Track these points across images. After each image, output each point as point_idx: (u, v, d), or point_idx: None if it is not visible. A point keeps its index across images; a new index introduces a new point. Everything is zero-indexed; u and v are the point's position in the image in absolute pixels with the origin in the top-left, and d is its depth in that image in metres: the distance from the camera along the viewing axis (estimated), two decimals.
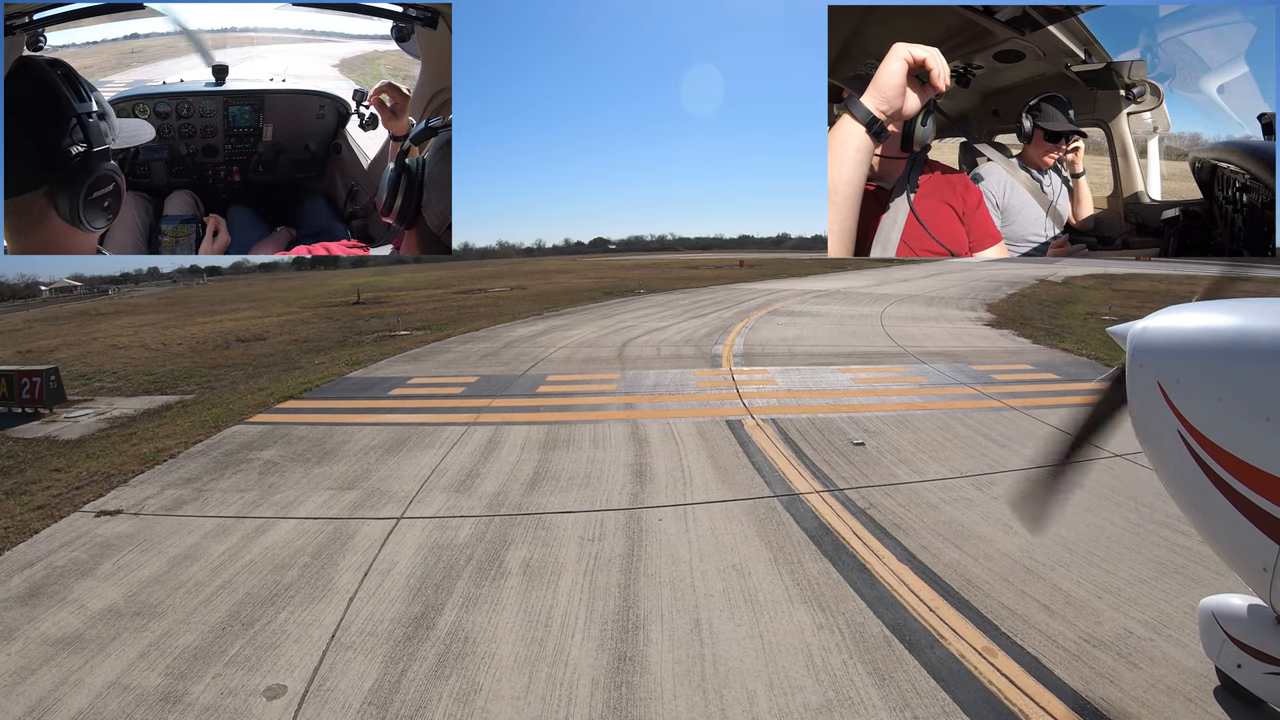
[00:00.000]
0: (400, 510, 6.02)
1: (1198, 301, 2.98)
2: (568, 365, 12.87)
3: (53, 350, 20.26)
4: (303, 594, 4.61)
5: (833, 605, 4.28)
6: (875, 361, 12.39)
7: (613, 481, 6.59)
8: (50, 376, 10.69)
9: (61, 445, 8.65)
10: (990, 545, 5.02)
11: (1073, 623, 4.00)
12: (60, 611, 4.47)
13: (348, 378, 12.34)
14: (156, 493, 6.64)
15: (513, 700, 3.49)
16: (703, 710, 3.38)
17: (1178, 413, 2.69)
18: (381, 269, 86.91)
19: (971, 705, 3.35)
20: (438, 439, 8.14)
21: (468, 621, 4.22)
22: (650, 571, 4.78)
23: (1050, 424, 7.99)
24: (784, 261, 63.68)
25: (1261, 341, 2.51)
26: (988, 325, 17.56)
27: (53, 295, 75.95)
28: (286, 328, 23.12)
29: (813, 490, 6.20)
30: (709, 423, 8.54)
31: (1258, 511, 2.50)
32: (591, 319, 20.81)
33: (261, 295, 48.29)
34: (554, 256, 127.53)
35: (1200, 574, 4.45)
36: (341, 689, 3.60)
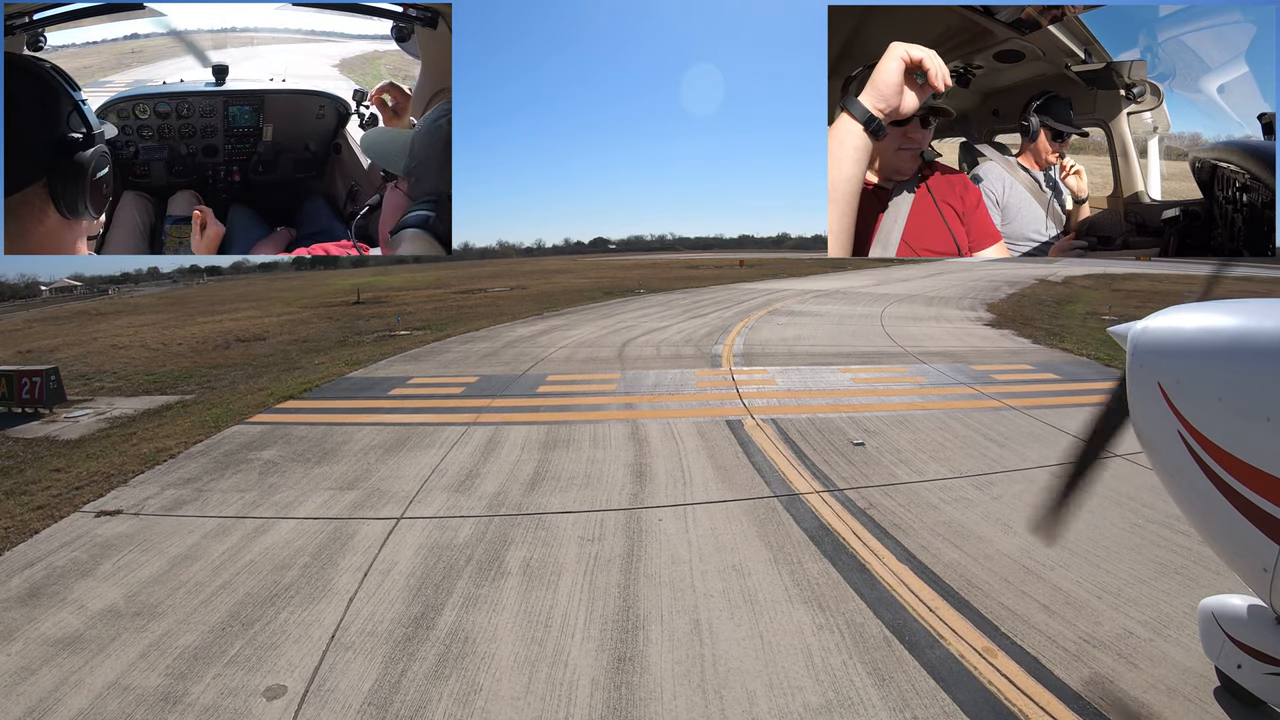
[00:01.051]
0: (400, 510, 6.02)
1: (1196, 302, 2.99)
2: (568, 365, 12.87)
3: (53, 350, 20.26)
4: (303, 594, 4.61)
5: (832, 605, 4.28)
6: (875, 361, 12.39)
7: (613, 481, 6.59)
8: (50, 376, 10.68)
9: (61, 445, 8.65)
10: (990, 545, 5.02)
11: (1073, 623, 4.00)
12: (60, 612, 4.47)
13: (348, 378, 12.34)
14: (156, 493, 6.64)
15: (513, 700, 3.49)
16: (702, 711, 3.38)
17: (1178, 413, 2.69)
18: (381, 269, 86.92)
19: (971, 705, 3.35)
20: (438, 439, 8.14)
21: (468, 622, 4.22)
22: (650, 572, 4.78)
23: (1050, 424, 7.99)
24: (784, 261, 63.68)
25: (1261, 341, 2.50)
26: (988, 325, 17.56)
27: (53, 295, 75.94)
28: (286, 328, 23.12)
29: (812, 490, 6.20)
30: (709, 423, 8.54)
31: (1258, 512, 2.50)
32: (591, 319, 20.81)
33: (261, 295, 48.28)
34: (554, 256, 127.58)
35: (1200, 574, 4.45)
36: (341, 689, 3.61)
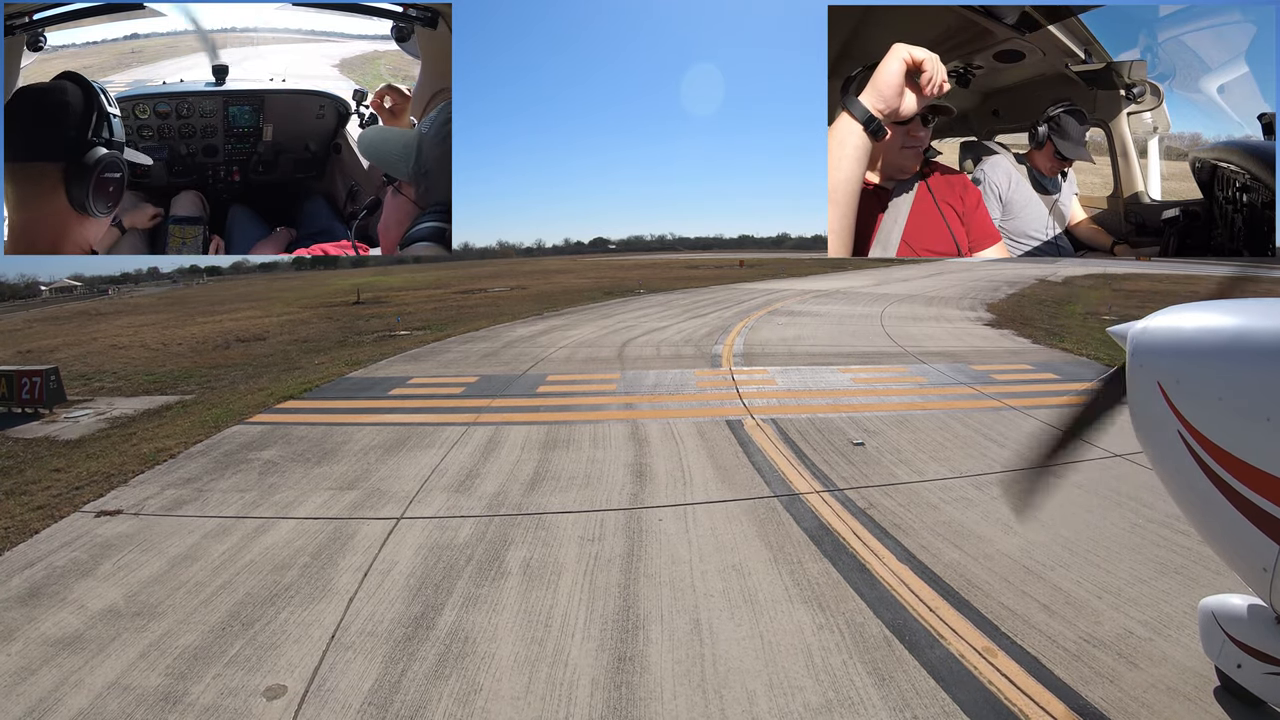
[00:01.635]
0: (400, 510, 6.02)
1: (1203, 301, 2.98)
2: (568, 365, 12.87)
3: (53, 350, 20.26)
4: (303, 594, 4.61)
5: (833, 605, 4.28)
6: (875, 361, 12.39)
7: (613, 481, 6.59)
8: (50, 376, 10.68)
9: (61, 445, 8.65)
10: (990, 545, 5.02)
11: (1073, 623, 4.00)
12: (60, 612, 4.47)
13: (348, 378, 12.34)
14: (156, 493, 6.64)
15: (513, 700, 3.49)
16: (702, 710, 3.38)
17: (1177, 413, 2.69)
18: (381, 269, 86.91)
19: (971, 705, 3.35)
20: (438, 439, 8.14)
21: (468, 621, 4.22)
22: (650, 571, 4.78)
23: (1050, 424, 7.98)
24: (784, 261, 63.68)
25: (1261, 341, 2.50)
26: (988, 325, 17.56)
27: (53, 295, 75.93)
28: (286, 328, 23.13)
29: (812, 490, 6.20)
30: (709, 423, 8.54)
31: (1258, 511, 2.50)
32: (591, 319, 20.81)
33: (261, 295, 48.29)
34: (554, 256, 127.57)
35: (1200, 574, 4.45)
36: (341, 689, 3.60)
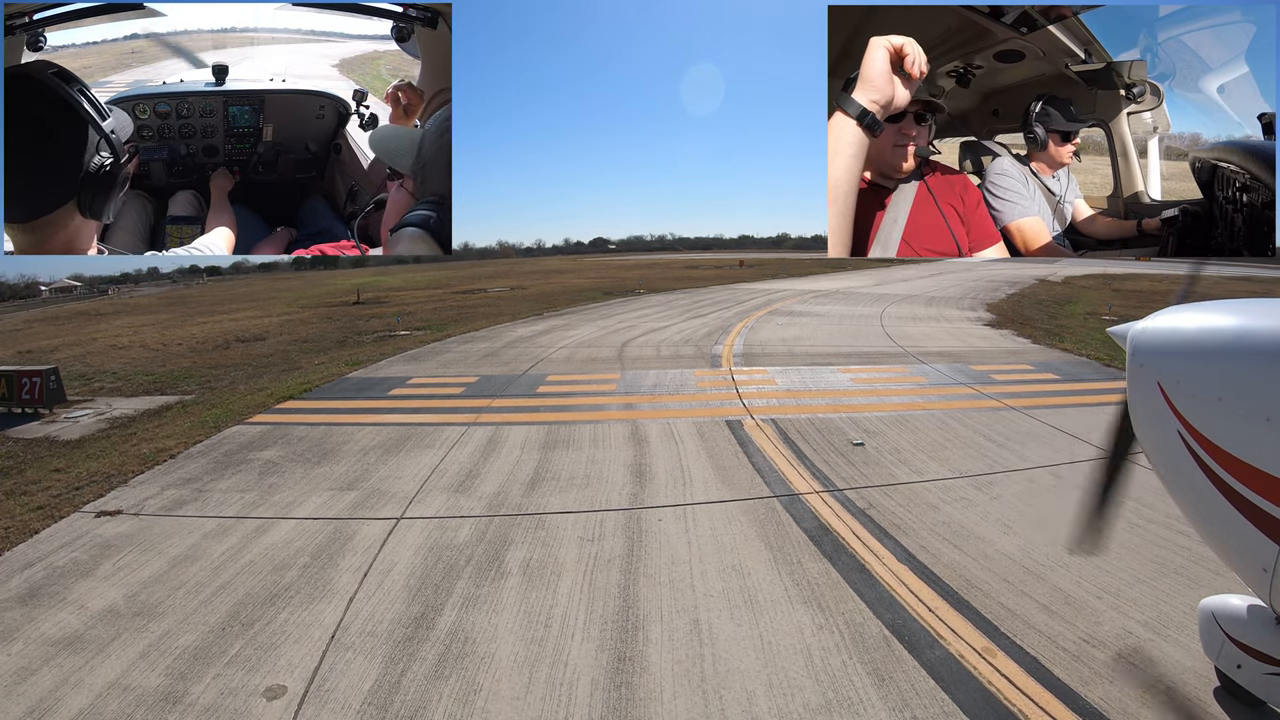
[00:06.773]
0: (400, 510, 6.02)
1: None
2: (568, 365, 12.87)
3: (53, 350, 20.26)
4: (302, 594, 4.61)
5: (832, 606, 4.28)
6: (875, 361, 12.39)
7: (612, 482, 6.59)
8: (50, 377, 10.69)
9: (61, 445, 8.64)
10: (990, 545, 5.02)
11: (1072, 623, 4.00)
12: (60, 612, 4.47)
13: (348, 378, 12.34)
14: (156, 493, 6.64)
15: (512, 700, 3.49)
16: (702, 710, 3.38)
17: (1177, 413, 2.69)
18: (381, 269, 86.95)
19: (971, 705, 3.35)
20: (438, 439, 8.14)
21: (467, 622, 4.22)
22: (650, 572, 4.78)
23: (1050, 424, 7.99)
24: (784, 261, 63.66)
25: (1261, 341, 2.50)
26: (987, 325, 17.56)
27: (53, 295, 75.88)
28: (286, 328, 23.12)
29: (812, 490, 6.20)
30: (709, 423, 8.54)
31: (1258, 512, 2.50)
32: (591, 319, 20.80)
33: (261, 295, 48.28)
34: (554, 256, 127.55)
35: (1200, 574, 4.45)
36: (341, 689, 3.61)
